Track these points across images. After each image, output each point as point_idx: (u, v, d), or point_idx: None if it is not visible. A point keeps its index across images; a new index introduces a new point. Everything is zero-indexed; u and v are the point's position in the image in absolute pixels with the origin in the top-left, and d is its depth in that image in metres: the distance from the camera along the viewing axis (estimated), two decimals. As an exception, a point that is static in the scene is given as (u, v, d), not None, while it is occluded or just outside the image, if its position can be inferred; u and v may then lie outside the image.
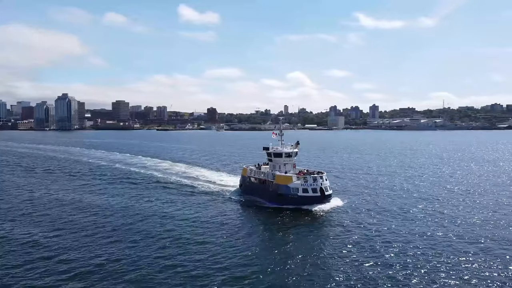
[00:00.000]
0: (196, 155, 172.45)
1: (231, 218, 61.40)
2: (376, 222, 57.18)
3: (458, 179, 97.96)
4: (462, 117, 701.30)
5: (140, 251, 45.21)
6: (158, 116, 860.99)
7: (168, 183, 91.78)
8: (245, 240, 49.87)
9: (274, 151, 75.78)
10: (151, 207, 68.27)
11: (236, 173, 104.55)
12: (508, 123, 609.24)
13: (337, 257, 43.46)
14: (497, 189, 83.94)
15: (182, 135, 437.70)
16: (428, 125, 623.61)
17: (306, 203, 64.82)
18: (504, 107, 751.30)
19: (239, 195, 77.93)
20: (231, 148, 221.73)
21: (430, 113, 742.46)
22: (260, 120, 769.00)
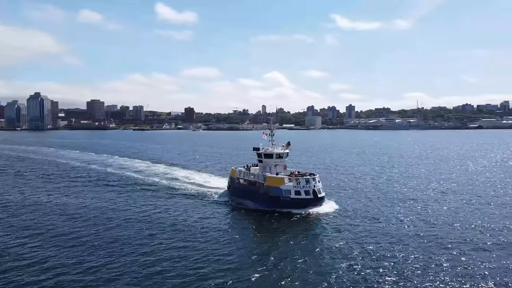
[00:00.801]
0: (176, 155, 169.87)
1: (219, 221, 59.36)
2: (371, 224, 55.81)
3: (442, 178, 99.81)
4: (435, 117, 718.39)
5: (122, 258, 43.10)
6: (134, 116, 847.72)
7: (150, 185, 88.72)
8: (234, 244, 48.24)
9: (264, 152, 73.08)
10: (133, 210, 65.56)
11: (220, 174, 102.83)
12: (478, 123, 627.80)
13: (332, 262, 42.16)
14: (490, 188, 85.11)
15: (159, 135, 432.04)
16: (403, 125, 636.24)
17: (299, 206, 62.40)
18: (475, 108, 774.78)
19: (227, 198, 75.28)
20: (211, 149, 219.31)
21: (405, 113, 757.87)
22: (238, 120, 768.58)
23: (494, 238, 49.28)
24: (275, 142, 75.40)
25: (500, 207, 66.07)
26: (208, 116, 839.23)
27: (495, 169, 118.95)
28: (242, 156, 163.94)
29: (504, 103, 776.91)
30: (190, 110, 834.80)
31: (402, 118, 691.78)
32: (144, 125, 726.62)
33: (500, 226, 54.25)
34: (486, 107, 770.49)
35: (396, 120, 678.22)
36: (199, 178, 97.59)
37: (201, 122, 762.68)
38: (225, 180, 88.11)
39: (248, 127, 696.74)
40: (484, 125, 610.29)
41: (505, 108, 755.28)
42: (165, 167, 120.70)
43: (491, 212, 63.03)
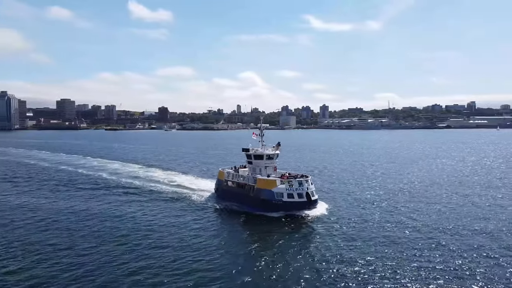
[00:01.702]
0: (154, 156, 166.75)
1: (208, 225, 56.61)
2: (363, 226, 54.40)
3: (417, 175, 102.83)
4: (406, 117, 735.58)
5: (103, 266, 40.70)
6: (106, 116, 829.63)
7: (132, 188, 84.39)
8: (224, 249, 46.27)
9: (254, 153, 69.98)
10: (114, 215, 61.94)
11: (205, 175, 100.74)
12: (447, 123, 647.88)
13: (326, 265, 41.07)
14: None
15: (132, 135, 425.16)
16: (375, 124, 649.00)
17: (292, 209, 59.88)
18: (444, 108, 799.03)
19: (215, 201, 71.77)
20: (188, 149, 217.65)
21: (377, 113, 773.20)
22: (213, 120, 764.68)
23: (498, 241, 48.56)
24: (265, 142, 72.40)
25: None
26: (182, 115, 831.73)
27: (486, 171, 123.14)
28: (218, 157, 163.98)
29: (470, 103, 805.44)
30: (164, 110, 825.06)
31: (374, 118, 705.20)
32: (116, 125, 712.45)
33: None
34: (454, 107, 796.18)
35: (369, 120, 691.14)
36: (183, 180, 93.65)
37: (176, 121, 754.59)
38: (210, 182, 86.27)
39: (223, 127, 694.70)
40: (452, 124, 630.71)
41: (472, 108, 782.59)
42: (146, 169, 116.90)
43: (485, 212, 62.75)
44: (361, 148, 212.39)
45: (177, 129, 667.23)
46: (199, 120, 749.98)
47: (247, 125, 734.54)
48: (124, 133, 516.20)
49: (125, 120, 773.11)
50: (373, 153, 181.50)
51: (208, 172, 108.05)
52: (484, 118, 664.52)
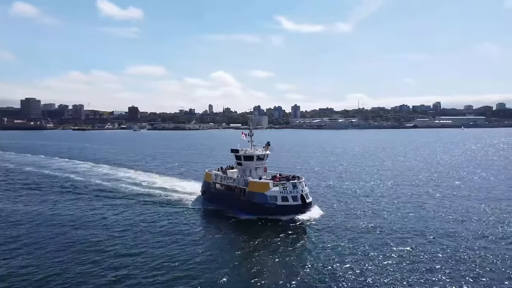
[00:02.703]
0: (129, 157, 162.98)
1: (195, 230, 53.14)
2: (364, 231, 51.65)
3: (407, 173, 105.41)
4: (375, 117, 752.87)
5: (86, 275, 38.00)
6: (74, 115, 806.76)
7: (107, 191, 79.91)
8: (215, 255, 43.51)
9: (244, 154, 66.57)
10: (91, 219, 58.60)
11: (187, 177, 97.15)
12: (414, 123, 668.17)
13: (323, 268, 39.24)
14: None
15: (101, 135, 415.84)
16: (345, 124, 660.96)
17: (286, 213, 56.63)
18: (411, 108, 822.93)
19: (202, 204, 67.79)
20: (161, 149, 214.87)
21: (347, 113, 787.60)
22: (185, 120, 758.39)
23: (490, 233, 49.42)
24: (255, 142, 69.24)
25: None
26: (153, 115, 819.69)
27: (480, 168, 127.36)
28: (194, 156, 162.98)
29: (436, 104, 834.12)
30: (134, 109, 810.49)
31: (344, 118, 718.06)
32: (84, 125, 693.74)
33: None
34: (420, 107, 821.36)
35: (339, 120, 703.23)
36: (164, 182, 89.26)
37: (146, 121, 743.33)
38: (193, 183, 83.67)
39: (194, 126, 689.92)
40: (419, 124, 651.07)
41: (437, 109, 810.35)
42: (124, 170, 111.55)
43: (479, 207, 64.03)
44: (337, 148, 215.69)
45: (147, 129, 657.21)
46: (171, 120, 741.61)
47: (219, 125, 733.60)
48: (92, 133, 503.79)
49: (93, 120, 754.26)
50: (350, 152, 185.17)
51: (189, 173, 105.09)
52: (449, 118, 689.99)
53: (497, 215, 59.15)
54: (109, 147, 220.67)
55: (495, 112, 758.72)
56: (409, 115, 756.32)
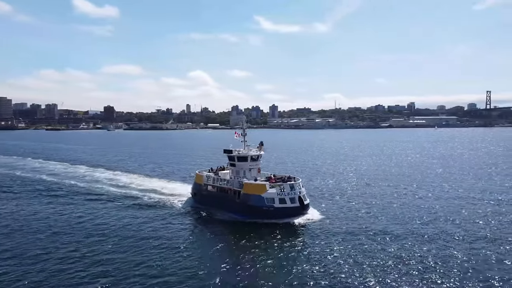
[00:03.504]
0: (111, 157, 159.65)
1: (186, 235, 51.14)
2: (363, 232, 50.72)
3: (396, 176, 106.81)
4: (351, 116, 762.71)
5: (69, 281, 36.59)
6: (47, 115, 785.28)
7: (90, 194, 76.81)
8: (209, 260, 41.85)
9: (238, 155, 64.33)
10: (73, 223, 56.17)
11: (173, 178, 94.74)
12: (389, 123, 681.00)
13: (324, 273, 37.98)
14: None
15: (74, 136, 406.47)
16: (322, 124, 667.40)
17: (284, 216, 54.52)
18: (386, 108, 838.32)
19: (193, 207, 65.35)
20: (140, 149, 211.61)
21: (324, 113, 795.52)
22: (162, 119, 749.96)
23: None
24: (248, 143, 67.14)
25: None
26: (129, 115, 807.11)
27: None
28: (176, 157, 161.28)
29: (410, 104, 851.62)
30: (110, 109, 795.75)
31: (321, 118, 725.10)
32: (58, 125, 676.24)
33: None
34: (395, 107, 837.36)
35: (316, 120, 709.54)
36: (150, 183, 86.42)
37: (123, 121, 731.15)
38: (181, 185, 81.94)
39: (172, 126, 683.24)
40: (394, 124, 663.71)
41: (411, 109, 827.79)
42: (105, 170, 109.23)
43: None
44: (316, 147, 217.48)
45: (124, 129, 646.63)
46: (147, 120, 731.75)
47: (197, 124, 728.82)
48: (67, 133, 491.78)
49: (67, 120, 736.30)
50: (327, 151, 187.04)
51: (174, 174, 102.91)
52: (423, 118, 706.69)
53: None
54: (84, 147, 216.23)
55: (466, 112, 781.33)
56: (385, 115, 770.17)
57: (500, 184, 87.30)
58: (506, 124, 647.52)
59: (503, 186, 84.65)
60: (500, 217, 57.99)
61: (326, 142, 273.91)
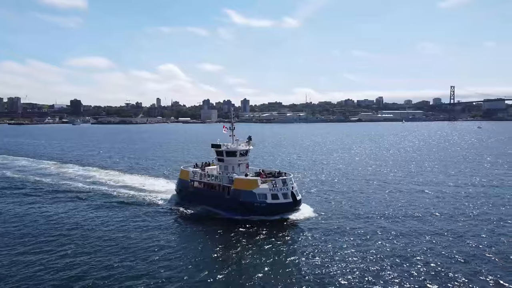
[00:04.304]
0: (83, 152, 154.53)
1: (174, 233, 48.37)
2: (357, 227, 49.36)
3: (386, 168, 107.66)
4: (322, 111, 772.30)
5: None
6: (9, 109, 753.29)
7: (60, 192, 71.87)
8: (196, 262, 38.98)
9: (227, 149, 61.98)
10: (43, 220, 52.82)
11: (152, 174, 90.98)
12: (358, 117, 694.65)
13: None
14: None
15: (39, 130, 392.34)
16: (294, 118, 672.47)
17: (276, 212, 53.00)
18: (355, 103, 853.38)
19: (178, 204, 61.95)
20: (111, 144, 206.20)
21: (295, 107, 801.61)
22: (131, 113, 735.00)
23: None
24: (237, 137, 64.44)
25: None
26: (97, 109, 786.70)
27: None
28: (151, 151, 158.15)
29: (379, 98, 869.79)
30: (77, 103, 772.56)
31: (293, 112, 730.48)
32: (22, 118, 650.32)
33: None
34: (364, 102, 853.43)
35: (288, 114, 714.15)
36: (129, 180, 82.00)
37: (90, 115, 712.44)
38: (163, 181, 79.65)
39: (142, 120, 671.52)
40: (363, 118, 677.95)
41: (380, 103, 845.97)
42: (78, 167, 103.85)
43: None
44: (291, 140, 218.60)
45: (92, 123, 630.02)
46: (116, 114, 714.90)
47: (167, 118, 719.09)
48: (31, 127, 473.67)
49: (32, 114, 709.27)
50: (301, 144, 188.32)
51: (153, 170, 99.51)
52: (390, 112, 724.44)
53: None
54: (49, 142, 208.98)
55: (432, 106, 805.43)
56: (354, 109, 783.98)
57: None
58: (469, 118, 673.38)
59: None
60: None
61: (300, 135, 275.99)
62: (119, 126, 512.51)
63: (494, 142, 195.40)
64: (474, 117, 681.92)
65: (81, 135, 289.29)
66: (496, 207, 59.49)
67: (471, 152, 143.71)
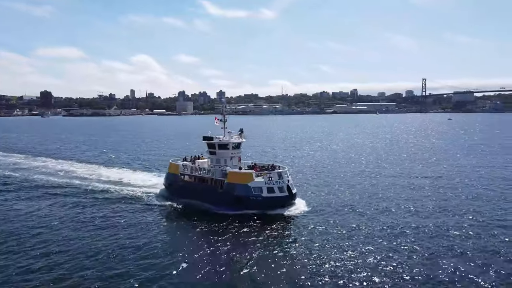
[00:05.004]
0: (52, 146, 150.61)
1: (166, 230, 46.40)
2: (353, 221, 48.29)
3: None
4: (297, 103, 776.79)
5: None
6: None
7: (35, 187, 68.32)
8: (188, 260, 36.99)
9: (219, 142, 60.19)
10: (27, 222, 49.01)
11: (136, 168, 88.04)
12: (333, 109, 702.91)
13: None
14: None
15: (10, 122, 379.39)
16: (270, 110, 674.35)
17: (272, 206, 51.88)
18: (331, 95, 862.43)
19: (167, 199, 59.78)
20: (84, 137, 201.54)
21: (271, 99, 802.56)
22: (104, 105, 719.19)
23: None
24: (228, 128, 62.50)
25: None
26: (69, 101, 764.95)
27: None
28: (129, 144, 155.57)
29: (353, 91, 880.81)
30: (47, 94, 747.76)
31: (269, 104, 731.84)
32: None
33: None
34: (339, 94, 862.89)
35: (264, 106, 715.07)
36: (112, 174, 78.84)
37: (61, 107, 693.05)
38: (148, 175, 77.09)
39: (116, 112, 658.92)
40: (338, 110, 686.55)
41: (354, 95, 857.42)
42: (46, 159, 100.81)
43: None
44: (268, 133, 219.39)
45: (63, 115, 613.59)
46: (89, 106, 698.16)
47: (142, 110, 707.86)
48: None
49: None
50: (278, 136, 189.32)
51: (135, 163, 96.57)
52: (365, 104, 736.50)
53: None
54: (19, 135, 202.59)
55: (404, 98, 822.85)
56: (329, 101, 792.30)
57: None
58: (440, 110, 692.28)
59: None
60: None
61: (274, 127, 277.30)
62: (92, 119, 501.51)
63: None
64: (445, 109, 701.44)
65: (55, 128, 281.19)
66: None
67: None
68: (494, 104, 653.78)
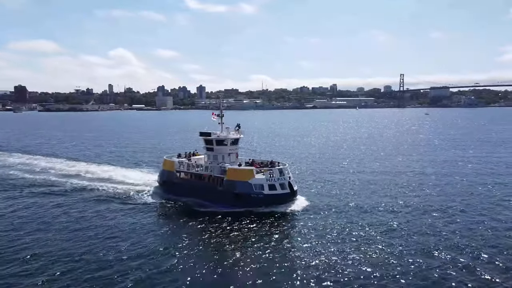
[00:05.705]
0: (28, 142, 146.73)
1: (163, 230, 44.68)
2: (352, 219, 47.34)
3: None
4: (278, 98, 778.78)
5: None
6: None
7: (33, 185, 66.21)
8: (191, 262, 35.82)
9: (217, 138, 58.67)
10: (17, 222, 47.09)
11: (125, 165, 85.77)
12: (313, 104, 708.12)
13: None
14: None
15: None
16: (250, 105, 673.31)
17: (274, 204, 50.84)
18: (310, 90, 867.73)
19: (163, 197, 58.21)
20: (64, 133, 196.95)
21: (251, 94, 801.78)
22: (82, 100, 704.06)
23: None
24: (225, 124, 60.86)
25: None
26: (45, 95, 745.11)
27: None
28: (113, 139, 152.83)
29: (333, 86, 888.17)
30: (21, 89, 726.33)
31: (249, 99, 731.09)
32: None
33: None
34: (319, 89, 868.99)
35: (244, 101, 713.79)
36: (101, 171, 76.58)
37: (37, 102, 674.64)
38: (139, 172, 75.12)
39: (93, 107, 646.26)
40: (318, 105, 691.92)
41: (334, 90, 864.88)
42: (22, 155, 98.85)
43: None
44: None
45: (38, 110, 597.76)
46: (65, 101, 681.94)
47: (120, 105, 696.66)
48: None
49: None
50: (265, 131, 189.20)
51: (123, 159, 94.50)
52: (344, 99, 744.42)
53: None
54: None
55: (382, 94, 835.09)
56: (309, 96, 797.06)
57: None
58: (417, 104, 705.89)
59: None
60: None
61: (254, 121, 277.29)
62: (68, 114, 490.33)
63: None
64: (422, 104, 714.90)
65: (29, 124, 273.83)
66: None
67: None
68: (468, 99, 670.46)
